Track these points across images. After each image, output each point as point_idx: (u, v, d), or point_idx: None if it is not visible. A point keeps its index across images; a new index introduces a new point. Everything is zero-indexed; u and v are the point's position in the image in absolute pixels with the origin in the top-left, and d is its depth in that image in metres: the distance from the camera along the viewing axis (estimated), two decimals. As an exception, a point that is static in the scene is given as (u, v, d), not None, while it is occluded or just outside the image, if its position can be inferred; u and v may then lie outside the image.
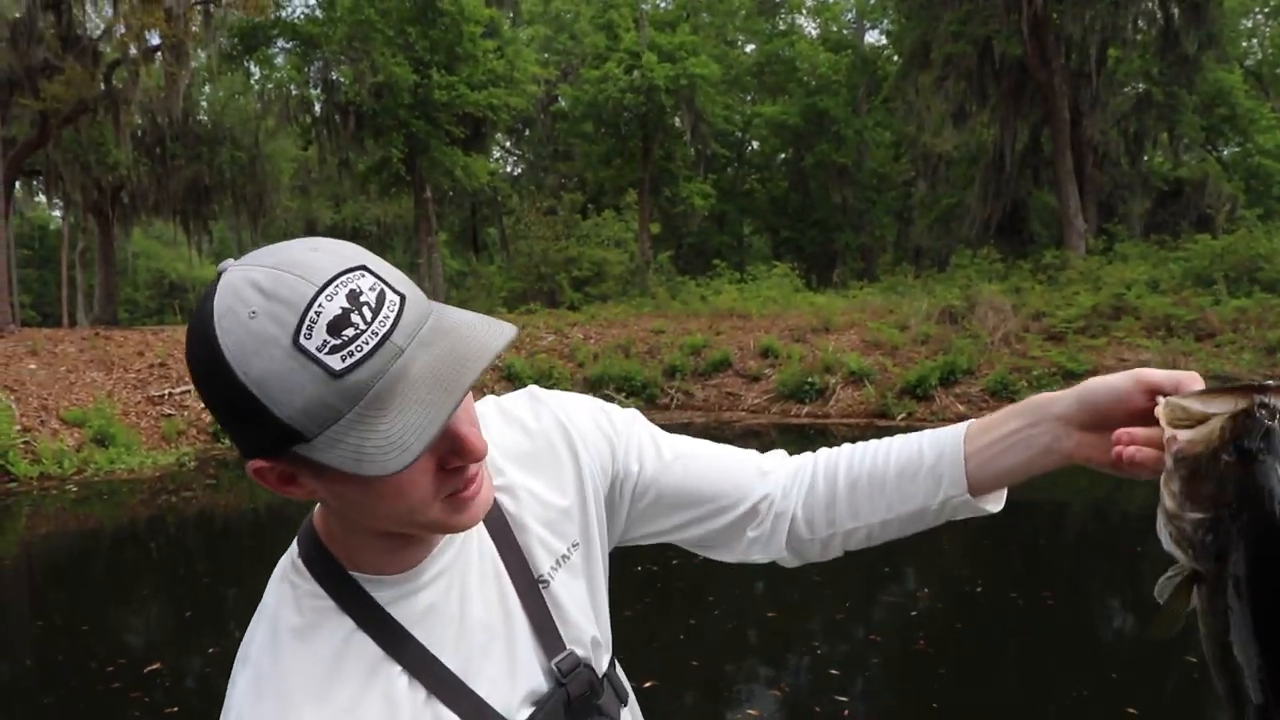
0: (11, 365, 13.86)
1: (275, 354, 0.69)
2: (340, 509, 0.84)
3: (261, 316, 0.70)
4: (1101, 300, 15.96)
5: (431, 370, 0.72)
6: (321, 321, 0.70)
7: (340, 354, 0.70)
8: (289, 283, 0.71)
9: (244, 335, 0.70)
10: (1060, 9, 20.45)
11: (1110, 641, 5.65)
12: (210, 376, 0.73)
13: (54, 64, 21.37)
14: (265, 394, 0.70)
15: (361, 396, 0.71)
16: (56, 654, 5.80)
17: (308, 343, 0.69)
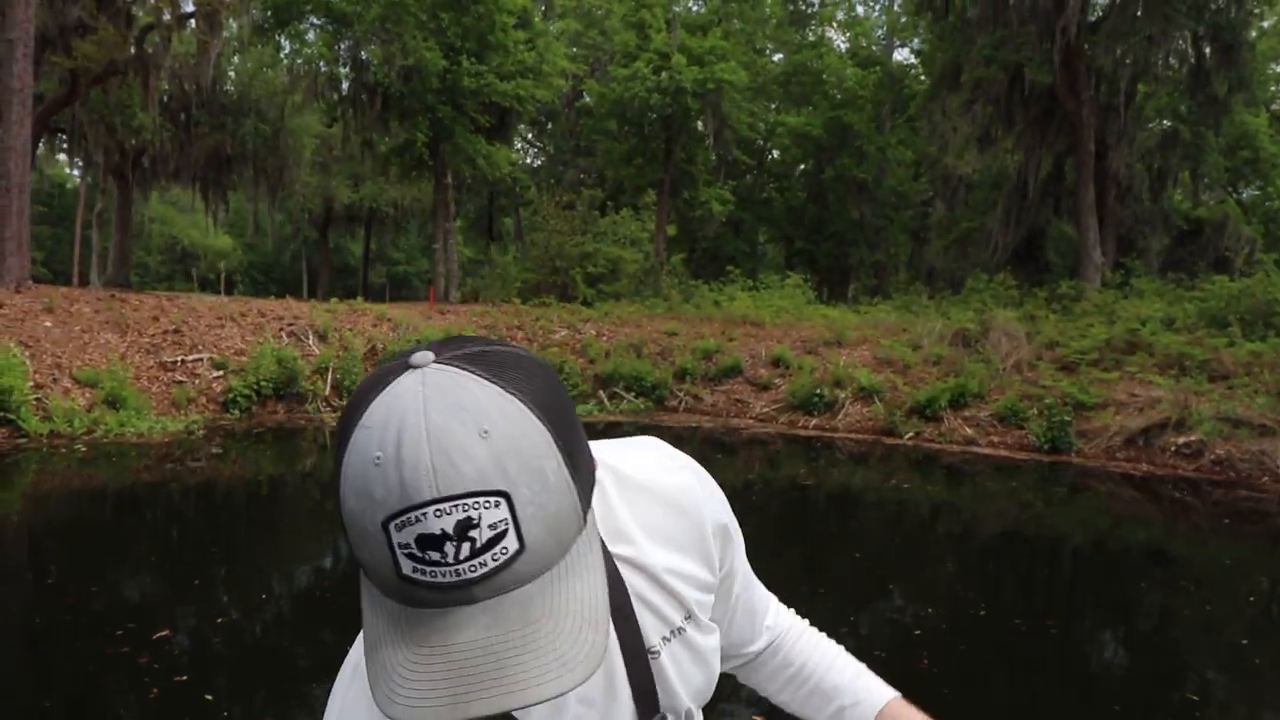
0: (27, 321, 13.89)
1: (368, 513, 0.65)
2: None
3: (380, 473, 0.65)
4: (1116, 334, 15.94)
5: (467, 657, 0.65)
6: (414, 529, 0.64)
7: (414, 563, 0.65)
8: (419, 468, 0.64)
9: (360, 471, 0.66)
10: (1093, 41, 20.46)
11: (1113, 674, 5.65)
12: (335, 456, 0.70)
13: (88, 23, 21.45)
14: (348, 527, 0.67)
15: (412, 605, 0.67)
16: (63, 614, 5.80)
17: (394, 533, 0.64)
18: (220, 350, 15.08)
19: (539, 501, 0.67)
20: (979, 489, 11.95)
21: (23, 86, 16.23)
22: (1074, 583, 7.90)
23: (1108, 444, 13.49)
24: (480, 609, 0.66)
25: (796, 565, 7.96)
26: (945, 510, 10.81)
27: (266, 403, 14.53)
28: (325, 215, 40.58)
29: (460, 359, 0.68)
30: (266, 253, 62.24)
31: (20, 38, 16.10)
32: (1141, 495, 11.44)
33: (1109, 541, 9.45)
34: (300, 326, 16.55)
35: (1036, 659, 5.58)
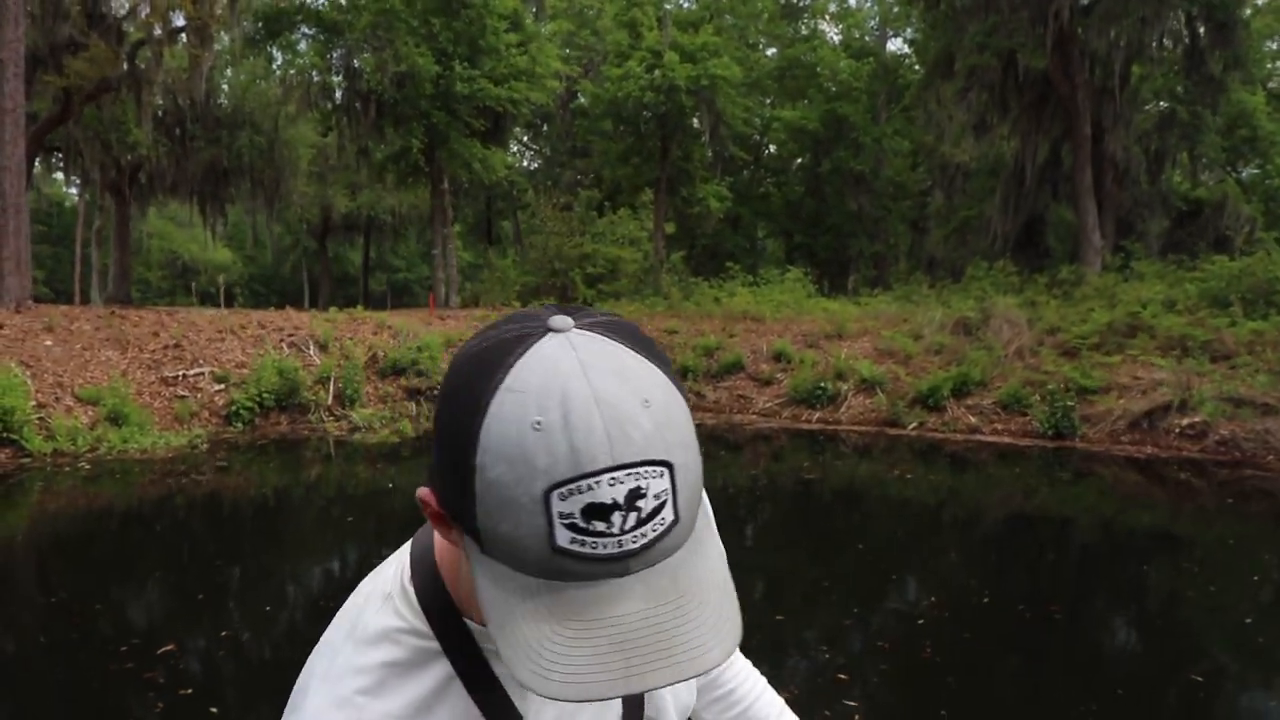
0: (28, 341, 13.91)
1: (522, 481, 0.61)
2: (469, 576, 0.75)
3: (543, 438, 0.61)
4: (1117, 317, 15.90)
5: (632, 629, 0.63)
6: (584, 498, 0.61)
7: (573, 534, 0.62)
8: (594, 435, 0.61)
9: (513, 437, 0.61)
10: (1086, 24, 20.40)
11: (1116, 657, 5.64)
12: (450, 422, 0.65)
13: (79, 41, 21.46)
14: (483, 498, 0.63)
15: (555, 579, 0.64)
16: (69, 632, 5.81)
17: (557, 503, 0.61)
18: (221, 363, 15.09)
19: (690, 473, 0.66)
20: (984, 477, 11.94)
21: (15, 106, 16.24)
22: (1079, 567, 7.89)
23: (1111, 428, 13.47)
24: (635, 580, 0.64)
25: (803, 558, 7.95)
26: (950, 499, 10.80)
27: (269, 414, 14.53)
28: (323, 225, 40.59)
29: (600, 327, 0.67)
30: (266, 264, 62.28)
31: (10, 57, 16.12)
32: (1146, 478, 11.43)
33: (1114, 525, 9.43)
34: (300, 337, 16.56)
35: (1042, 645, 5.58)
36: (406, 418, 15.17)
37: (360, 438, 13.71)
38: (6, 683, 5.08)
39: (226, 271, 60.64)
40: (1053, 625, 5.92)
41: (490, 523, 0.63)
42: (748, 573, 7.48)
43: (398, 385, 16.06)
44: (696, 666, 0.63)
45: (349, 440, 13.55)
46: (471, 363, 0.65)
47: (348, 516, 9.67)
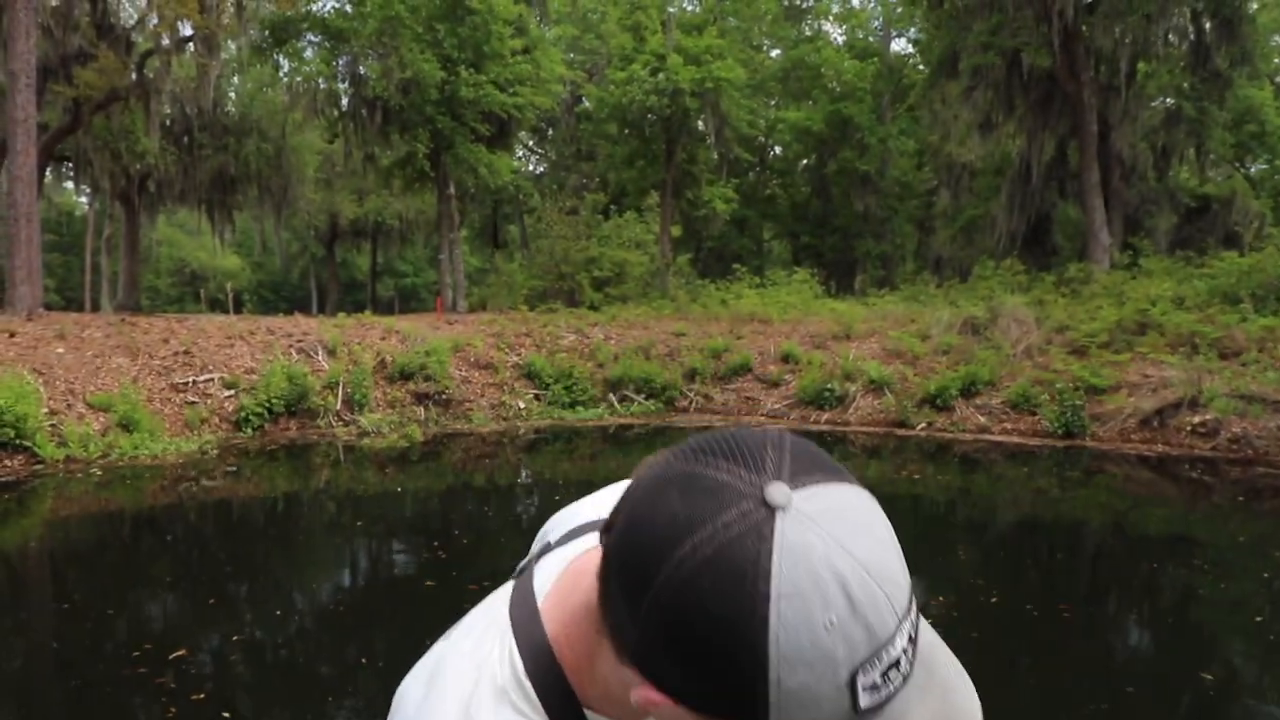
0: (40, 348, 14.00)
1: (826, 678, 0.58)
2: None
3: (838, 633, 0.58)
4: (1126, 315, 15.86)
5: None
6: (883, 664, 0.59)
7: (872, 695, 0.60)
8: (879, 604, 0.59)
9: (807, 643, 0.57)
10: (1091, 21, 20.37)
11: (1127, 657, 5.63)
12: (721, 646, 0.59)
13: (88, 51, 21.61)
14: (780, 705, 0.59)
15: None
16: (82, 637, 5.84)
17: (862, 678, 0.59)
18: (231, 370, 15.15)
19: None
20: (993, 476, 11.92)
21: (26, 117, 16.37)
22: (1090, 566, 7.87)
23: (1121, 426, 13.43)
24: (905, 700, 0.63)
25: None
26: (960, 499, 10.79)
27: (278, 420, 14.59)
28: (331, 231, 40.74)
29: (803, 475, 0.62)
30: (274, 271, 62.49)
31: (22, 69, 16.25)
32: (1157, 476, 11.40)
33: (1126, 524, 9.41)
34: (309, 343, 16.62)
35: (1052, 644, 5.57)
36: (415, 422, 15.21)
37: (369, 442, 13.75)
38: (20, 688, 5.11)
39: (235, 278, 60.88)
40: (1063, 624, 5.92)
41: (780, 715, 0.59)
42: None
43: (406, 390, 16.09)
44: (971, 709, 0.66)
45: (358, 445, 13.59)
46: (713, 573, 0.59)
47: (357, 521, 9.70)
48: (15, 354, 13.52)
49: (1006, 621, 6.04)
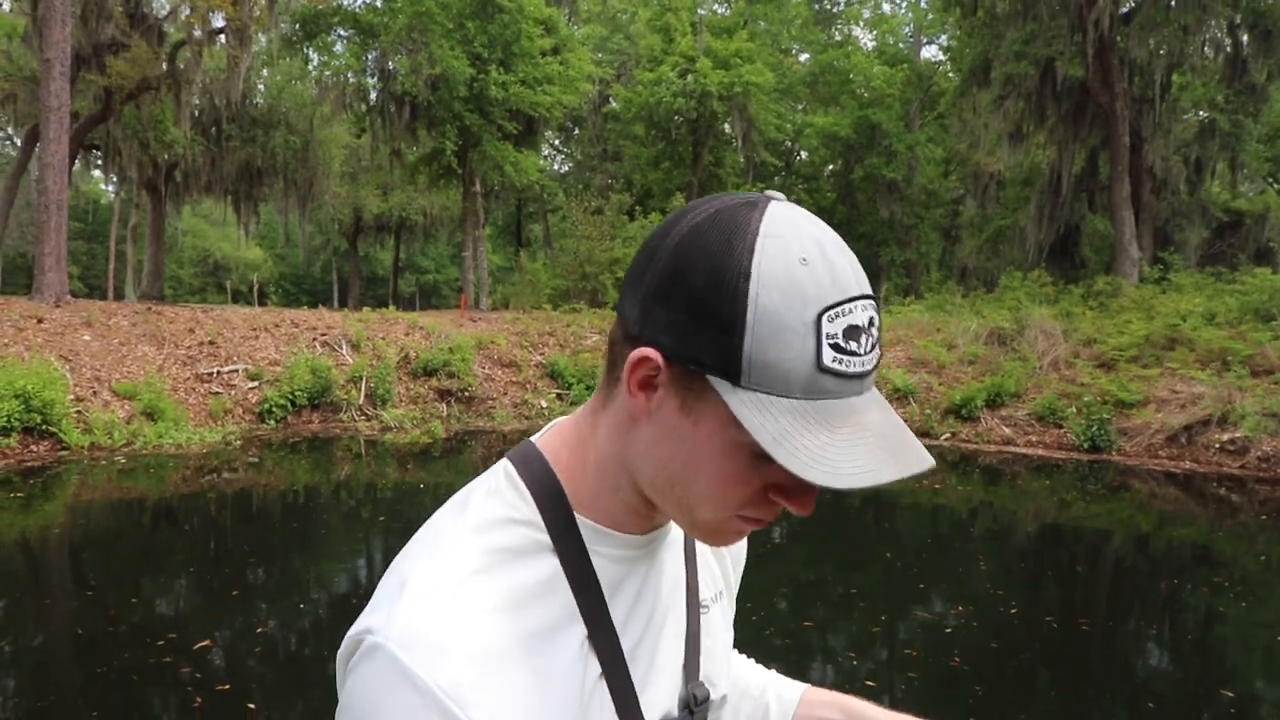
0: (66, 335, 14.08)
1: (795, 307, 0.68)
2: (642, 449, 0.78)
3: (810, 270, 0.69)
4: (1155, 330, 15.67)
5: (883, 432, 0.71)
6: (846, 320, 0.69)
7: (836, 354, 0.69)
8: (844, 267, 0.71)
9: (783, 270, 0.68)
10: (1126, 33, 20.16)
11: (1146, 672, 5.57)
12: (712, 270, 0.70)
13: (121, 41, 21.75)
14: (755, 326, 0.68)
15: (817, 398, 0.69)
16: (106, 625, 5.85)
17: (826, 324, 0.68)
18: (255, 361, 15.20)
19: None
20: (1016, 489, 11.80)
21: (60, 105, 16.47)
22: (1113, 582, 7.78)
23: (1149, 442, 13.28)
24: (869, 398, 0.73)
25: (831, 568, 7.88)
26: (982, 510, 10.68)
27: (301, 412, 14.63)
28: (355, 225, 40.83)
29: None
30: (297, 264, 62.82)
31: (56, 57, 16.35)
32: (1184, 493, 11.25)
33: (1150, 540, 9.30)
34: (333, 336, 16.66)
35: (1072, 658, 5.49)
36: (437, 419, 15.22)
37: (391, 438, 13.76)
38: (46, 676, 5.11)
39: (257, 270, 61.23)
40: (1083, 638, 5.86)
41: (758, 351, 0.68)
42: (775, 581, 7.43)
43: (429, 386, 16.11)
44: (929, 461, 0.72)
45: (380, 440, 13.60)
46: (714, 223, 0.72)
47: (379, 515, 9.69)
48: (43, 340, 13.61)
49: (1026, 632, 5.99)
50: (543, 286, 26.15)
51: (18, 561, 7.58)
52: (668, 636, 0.89)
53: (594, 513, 0.83)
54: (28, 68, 23.96)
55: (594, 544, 0.83)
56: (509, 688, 0.75)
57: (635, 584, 0.86)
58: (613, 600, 0.83)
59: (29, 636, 5.73)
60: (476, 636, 0.74)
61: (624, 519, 0.83)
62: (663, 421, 0.75)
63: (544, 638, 0.78)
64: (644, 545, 0.86)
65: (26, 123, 24.34)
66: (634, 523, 0.84)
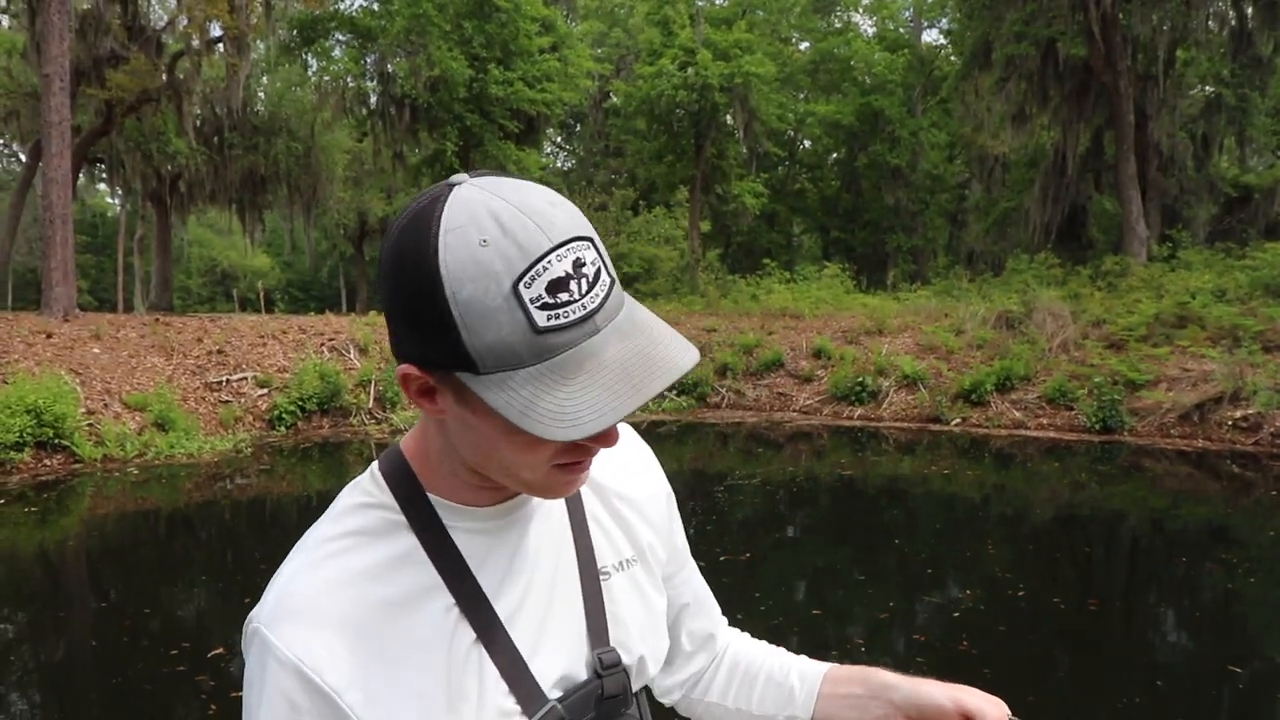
0: (76, 349, 14.13)
1: (490, 289, 0.71)
2: (453, 438, 0.84)
3: (492, 249, 0.71)
4: (1164, 308, 15.56)
5: (622, 362, 0.74)
6: (545, 277, 0.72)
7: (548, 313, 0.72)
8: (529, 229, 0.72)
9: (467, 259, 0.71)
10: (1129, 9, 19.98)
11: (1156, 648, 5.57)
12: (410, 281, 0.73)
13: (120, 54, 21.80)
14: (464, 320, 0.71)
15: (549, 357, 0.73)
16: (120, 635, 5.87)
17: (525, 291, 0.71)
18: (264, 368, 15.24)
19: (604, 246, 0.79)
20: (1029, 472, 11.76)
21: (61, 119, 16.51)
22: (1124, 561, 7.76)
23: (1161, 421, 13.21)
24: (607, 333, 0.75)
25: (841, 555, 7.86)
26: (994, 494, 10.65)
27: (311, 418, 14.66)
28: (360, 229, 40.83)
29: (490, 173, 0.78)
30: (304, 270, 62.92)
31: (56, 72, 16.39)
32: (1197, 471, 11.20)
33: (1162, 519, 9.25)
34: (341, 341, 16.69)
35: (1085, 639, 5.51)
36: (447, 420, 15.21)
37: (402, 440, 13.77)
38: (62, 685, 5.13)
39: (265, 277, 61.38)
40: (1092, 619, 5.86)
41: (477, 339, 0.72)
42: (784, 570, 7.42)
43: (437, 387, 16.11)
44: (681, 367, 0.75)
45: (390, 443, 13.55)
46: (403, 234, 0.75)
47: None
48: (53, 354, 13.66)
49: (1035, 615, 5.98)
50: (549, 284, 26.07)
51: (35, 575, 7.62)
52: (559, 604, 0.93)
53: (444, 492, 0.88)
54: (28, 84, 24.05)
55: (449, 519, 0.88)
56: (365, 653, 0.81)
57: (504, 554, 0.90)
58: (481, 571, 0.88)
59: (46, 648, 5.76)
60: (331, 608, 0.82)
61: (470, 496, 0.88)
62: (453, 415, 0.80)
63: (402, 606, 0.84)
64: (500, 516, 0.90)
65: (30, 138, 24.43)
66: (481, 497, 0.89)
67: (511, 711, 0.87)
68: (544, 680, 0.89)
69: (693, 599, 1.18)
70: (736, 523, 8.97)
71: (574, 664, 0.93)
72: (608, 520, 1.02)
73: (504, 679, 0.87)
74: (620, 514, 1.03)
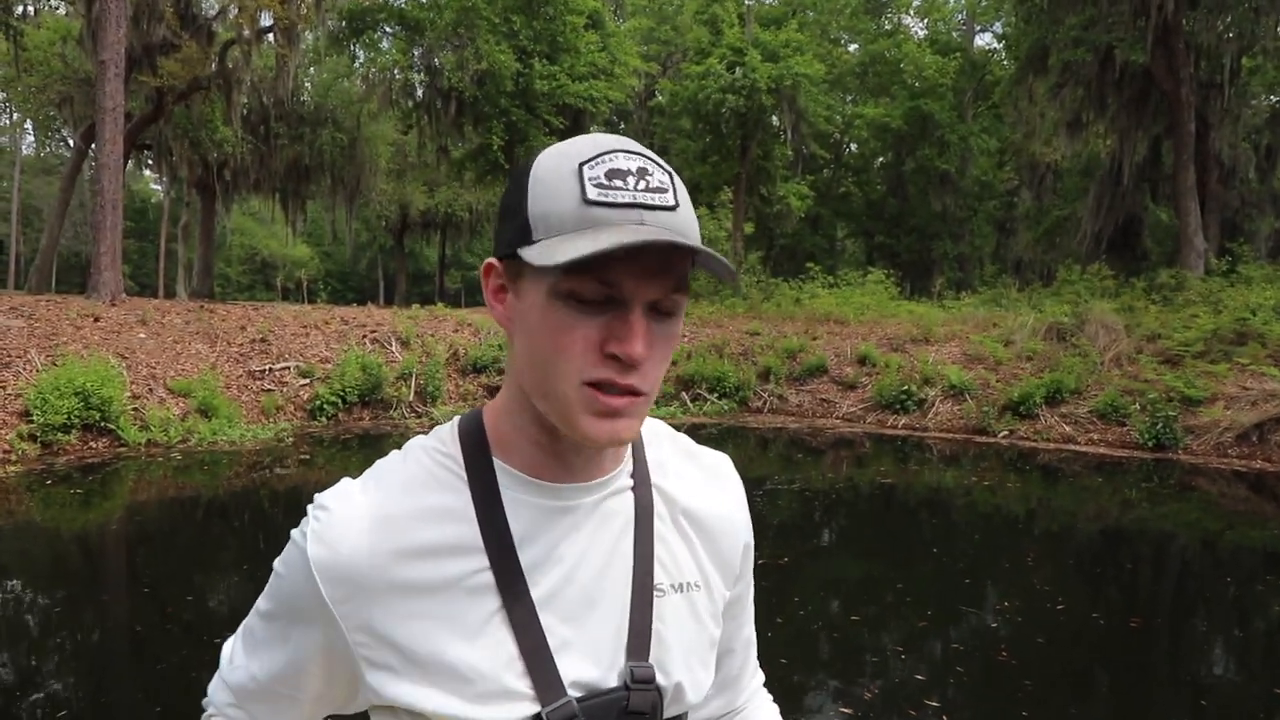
0: (123, 333, 14.21)
1: (562, 166, 0.81)
2: (516, 357, 0.88)
3: (573, 144, 0.83)
4: (1223, 324, 15.14)
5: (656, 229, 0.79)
6: (608, 165, 0.80)
7: (600, 190, 0.79)
8: (607, 141, 0.83)
9: (555, 151, 0.84)
10: (1193, 15, 19.48)
11: (1200, 669, 5.37)
12: (512, 181, 0.85)
13: (172, 42, 21.97)
14: (533, 189, 0.81)
15: (592, 226, 0.78)
16: (162, 621, 5.81)
17: (587, 169, 0.80)
18: (306, 358, 15.25)
19: (690, 203, 0.84)
20: (1077, 487, 11.46)
21: (115, 105, 16.64)
22: (1173, 582, 7.52)
23: (1217, 440, 12.84)
24: (651, 229, 0.78)
25: (885, 563, 7.67)
26: (1039, 509, 10.39)
27: (352, 409, 14.64)
28: (401, 222, 41.05)
29: None
30: (343, 261, 63.48)
31: (111, 58, 16.52)
32: (1254, 494, 10.86)
33: (1214, 542, 8.96)
34: (383, 333, 16.68)
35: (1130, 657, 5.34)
36: (486, 415, 15.14)
37: (441, 435, 13.72)
38: (103, 670, 5.07)
39: (304, 267, 61.94)
40: (1138, 637, 5.71)
41: (536, 205, 0.80)
42: (823, 574, 7.26)
43: (478, 383, 16.05)
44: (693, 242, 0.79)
45: (430, 437, 13.55)
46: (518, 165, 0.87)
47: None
48: (100, 338, 13.74)
49: (1073, 628, 5.86)
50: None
51: (78, 557, 7.61)
52: (602, 608, 0.91)
53: (510, 458, 0.91)
54: (82, 70, 24.33)
55: (508, 485, 0.90)
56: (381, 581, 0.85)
57: (552, 537, 0.89)
58: (523, 546, 0.88)
59: (92, 632, 5.72)
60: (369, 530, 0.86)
61: (536, 462, 0.90)
62: (516, 318, 0.86)
63: (434, 553, 0.86)
64: (559, 498, 0.90)
65: (81, 124, 24.72)
66: (548, 469, 0.90)
67: (522, 695, 0.86)
68: (567, 675, 0.87)
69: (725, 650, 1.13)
70: (774, 527, 8.80)
71: (605, 671, 0.90)
72: (677, 542, 0.99)
73: (522, 658, 0.86)
74: (691, 540, 1.01)
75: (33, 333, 13.21)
